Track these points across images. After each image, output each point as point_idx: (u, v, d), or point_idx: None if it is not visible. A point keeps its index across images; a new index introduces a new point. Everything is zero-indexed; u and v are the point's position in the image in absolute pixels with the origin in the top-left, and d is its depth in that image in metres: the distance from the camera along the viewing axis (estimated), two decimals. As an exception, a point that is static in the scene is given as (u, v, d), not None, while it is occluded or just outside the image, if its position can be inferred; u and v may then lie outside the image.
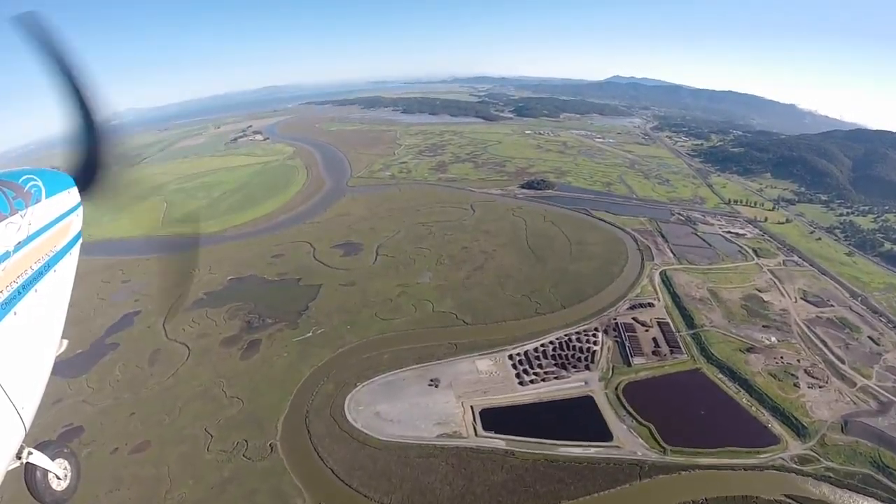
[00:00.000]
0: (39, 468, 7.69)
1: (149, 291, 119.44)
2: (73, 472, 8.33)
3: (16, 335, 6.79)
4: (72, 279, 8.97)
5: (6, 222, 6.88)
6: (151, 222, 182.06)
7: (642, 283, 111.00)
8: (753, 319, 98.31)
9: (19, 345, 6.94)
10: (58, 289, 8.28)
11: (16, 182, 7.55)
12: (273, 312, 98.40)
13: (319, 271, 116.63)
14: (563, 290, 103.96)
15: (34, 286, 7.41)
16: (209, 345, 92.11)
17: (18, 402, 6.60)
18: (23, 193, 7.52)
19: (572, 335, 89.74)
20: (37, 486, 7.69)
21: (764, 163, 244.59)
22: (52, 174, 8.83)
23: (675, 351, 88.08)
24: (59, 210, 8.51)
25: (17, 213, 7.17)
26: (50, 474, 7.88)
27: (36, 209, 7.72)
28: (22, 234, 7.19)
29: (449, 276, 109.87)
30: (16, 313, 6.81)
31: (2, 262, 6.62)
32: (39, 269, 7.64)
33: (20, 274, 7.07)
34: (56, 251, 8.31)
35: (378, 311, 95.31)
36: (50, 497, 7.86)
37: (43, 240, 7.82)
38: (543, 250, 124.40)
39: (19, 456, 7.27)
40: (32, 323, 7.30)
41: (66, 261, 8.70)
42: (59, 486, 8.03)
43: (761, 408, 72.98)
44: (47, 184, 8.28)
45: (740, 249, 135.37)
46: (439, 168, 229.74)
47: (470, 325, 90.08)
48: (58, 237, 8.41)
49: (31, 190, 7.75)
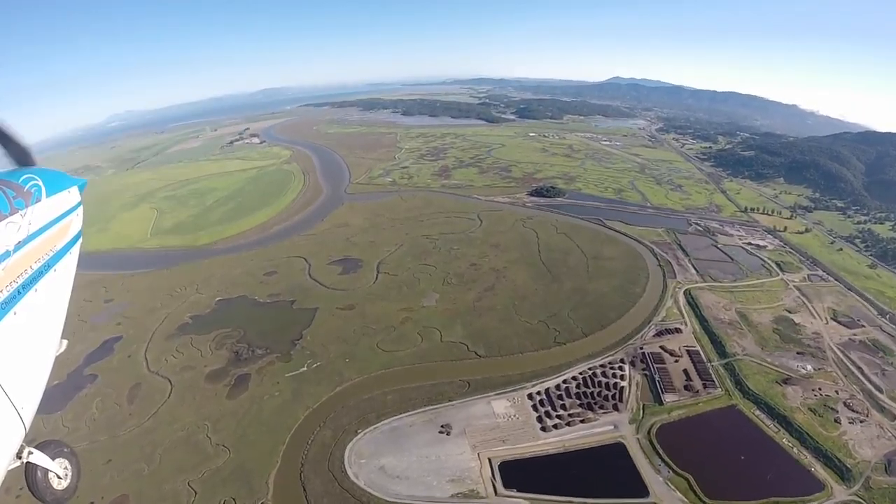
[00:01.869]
0: (40, 468, 7.74)
1: (132, 313, 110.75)
2: (73, 471, 8.40)
3: (16, 335, 6.78)
4: (72, 279, 8.99)
5: (6, 222, 6.92)
6: (139, 233, 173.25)
7: (667, 304, 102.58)
8: (787, 345, 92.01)
9: (19, 345, 6.92)
10: (58, 288, 8.29)
11: (16, 182, 7.59)
12: (264, 341, 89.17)
13: (315, 292, 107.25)
14: (582, 313, 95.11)
15: (34, 286, 7.42)
16: (193, 379, 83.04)
17: (18, 402, 6.60)
18: (23, 193, 7.55)
19: (597, 368, 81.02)
20: (37, 485, 7.73)
21: (776, 167, 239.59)
22: (53, 174, 8.82)
23: (709, 385, 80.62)
24: (59, 210, 8.61)
25: (17, 213, 7.21)
26: (50, 474, 7.93)
27: (36, 209, 7.77)
28: (22, 234, 7.24)
29: (457, 298, 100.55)
30: (16, 313, 6.81)
31: (2, 262, 6.65)
32: (39, 269, 7.64)
33: (20, 273, 7.09)
34: (56, 251, 8.36)
35: (380, 341, 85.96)
36: (51, 496, 7.89)
37: (43, 239, 7.87)
38: (558, 267, 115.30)
39: (20, 455, 7.30)
40: (32, 323, 7.29)
41: (66, 260, 8.72)
42: (59, 485, 8.06)
43: (803, 449, 67.19)
44: (47, 183, 8.32)
45: (763, 263, 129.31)
46: (442, 173, 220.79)
47: (483, 359, 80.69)
48: (58, 237, 8.48)
49: (31, 189, 7.79)
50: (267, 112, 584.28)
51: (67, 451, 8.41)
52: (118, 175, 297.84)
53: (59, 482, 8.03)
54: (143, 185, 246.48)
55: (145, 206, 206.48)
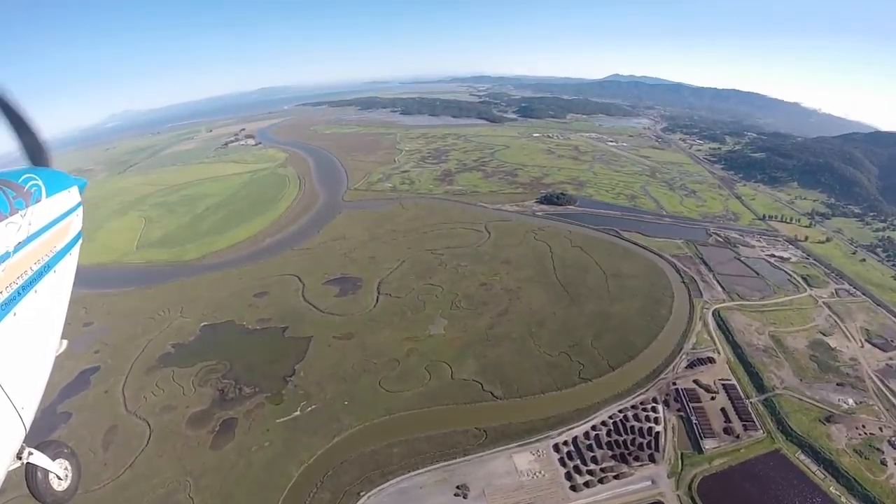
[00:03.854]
0: (40, 468, 7.59)
1: (112, 339, 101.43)
2: (73, 472, 8.28)
3: (16, 336, 6.67)
4: (72, 280, 8.89)
5: (6, 222, 6.81)
6: (125, 245, 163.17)
7: (696, 328, 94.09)
8: (826, 375, 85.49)
9: (19, 345, 6.82)
10: (58, 289, 8.20)
11: (16, 181, 7.47)
12: (252, 377, 79.83)
13: (309, 317, 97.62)
14: (607, 341, 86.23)
15: (34, 287, 7.31)
16: (174, 423, 73.83)
17: (18, 402, 6.46)
18: (23, 193, 7.45)
19: (628, 411, 72.24)
20: (38, 486, 7.58)
21: (789, 170, 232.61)
22: (53, 174, 8.71)
23: (749, 426, 73.10)
24: (59, 210, 8.51)
25: (17, 213, 7.10)
26: (51, 474, 7.78)
27: (36, 209, 7.67)
28: (22, 235, 7.14)
29: (468, 324, 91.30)
30: (16, 314, 6.70)
31: (2, 263, 6.55)
32: (39, 270, 7.55)
33: (20, 274, 6.98)
34: (56, 251, 8.27)
35: (383, 379, 76.65)
36: (51, 497, 7.74)
37: (43, 240, 7.79)
38: (577, 286, 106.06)
39: (20, 456, 7.17)
40: (32, 323, 7.16)
41: (66, 261, 8.64)
42: (59, 486, 7.92)
43: (851, 497, 62.21)
44: (47, 183, 8.22)
45: (790, 278, 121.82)
46: (445, 178, 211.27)
47: (501, 401, 71.45)
48: (58, 237, 8.39)
49: (31, 189, 7.69)
50: (264, 112, 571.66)
51: (67, 452, 8.23)
52: (109, 179, 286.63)
53: (59, 483, 7.82)
54: (133, 191, 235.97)
55: (134, 215, 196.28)
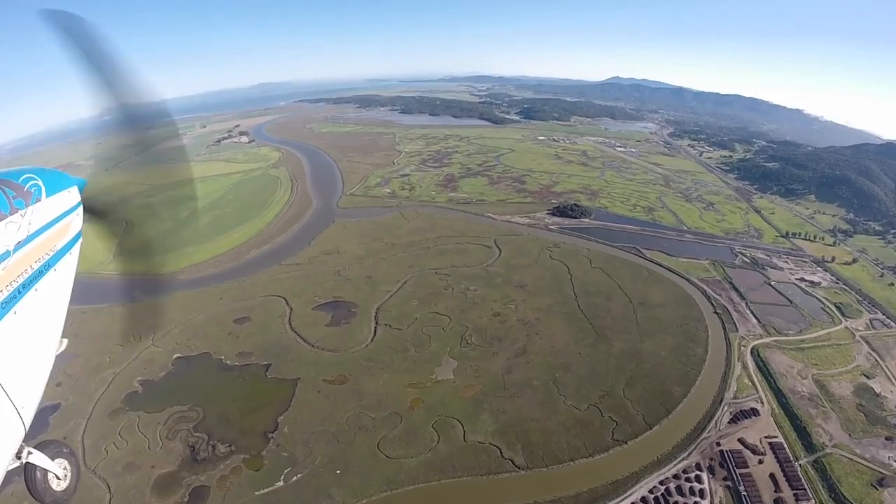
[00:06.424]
0: (39, 468, 7.53)
1: (76, 369, 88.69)
2: (72, 472, 8.31)
3: (16, 335, 6.59)
4: (72, 279, 8.87)
5: (6, 222, 6.76)
6: (102, 252, 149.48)
7: (735, 372, 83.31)
8: (874, 428, 77.12)
9: (19, 344, 6.72)
10: (58, 288, 8.12)
11: (16, 181, 7.40)
12: (228, 431, 67.36)
13: (296, 352, 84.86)
14: (641, 390, 74.83)
15: (34, 285, 7.25)
16: (137, 488, 61.25)
17: (18, 401, 6.37)
18: (23, 193, 7.39)
19: (670, 482, 61.01)
20: (37, 486, 7.51)
21: (805, 182, 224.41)
22: (53, 173, 8.58)
23: (801, 497, 63.35)
24: (59, 209, 8.47)
25: (17, 213, 7.06)
26: (50, 474, 7.72)
27: (36, 208, 7.61)
28: (22, 234, 7.07)
29: (481, 367, 79.19)
30: (16, 313, 6.64)
31: (2, 262, 6.46)
32: (39, 269, 7.48)
33: (20, 273, 6.92)
34: (56, 250, 8.20)
35: (382, 440, 64.15)
36: (50, 497, 7.67)
37: (43, 239, 7.70)
38: (602, 318, 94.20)
39: (19, 456, 7.09)
40: (32, 322, 7.12)
41: (66, 260, 8.60)
42: (58, 486, 7.88)
43: None
44: (47, 183, 8.16)
45: (823, 306, 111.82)
46: (448, 184, 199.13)
47: (523, 472, 59.57)
48: (58, 236, 8.33)
49: (31, 189, 7.62)
50: (260, 108, 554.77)
51: (67, 452, 8.26)
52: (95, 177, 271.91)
53: (58, 483, 7.84)
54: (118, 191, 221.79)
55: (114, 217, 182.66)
